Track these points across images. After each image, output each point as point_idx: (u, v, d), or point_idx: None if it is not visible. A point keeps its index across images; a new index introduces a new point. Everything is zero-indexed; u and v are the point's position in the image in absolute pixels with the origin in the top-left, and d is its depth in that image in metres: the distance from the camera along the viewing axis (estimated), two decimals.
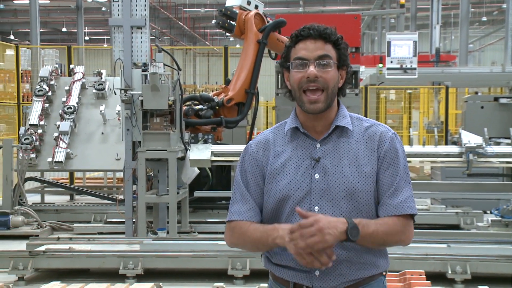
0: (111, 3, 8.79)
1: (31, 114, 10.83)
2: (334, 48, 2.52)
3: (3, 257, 7.13)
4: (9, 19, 39.05)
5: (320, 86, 2.48)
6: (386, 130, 2.58)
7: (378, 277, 2.57)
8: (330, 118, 2.56)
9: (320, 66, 2.48)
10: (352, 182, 2.49)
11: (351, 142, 2.54)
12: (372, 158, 2.53)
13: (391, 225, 2.48)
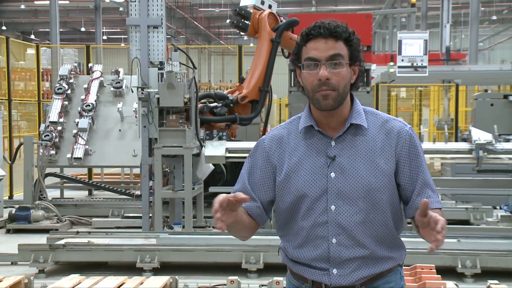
0: (129, 3, 8.82)
1: (51, 111, 10.89)
2: (346, 45, 2.44)
3: (24, 250, 7.18)
4: (30, 19, 39.25)
5: (331, 88, 2.42)
6: (403, 125, 2.51)
7: (395, 269, 2.55)
8: (344, 114, 2.49)
9: (332, 67, 2.41)
10: (369, 181, 2.43)
11: (367, 140, 2.47)
12: (390, 155, 2.47)
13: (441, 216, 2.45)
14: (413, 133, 2.51)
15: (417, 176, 2.48)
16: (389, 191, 2.46)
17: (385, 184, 2.45)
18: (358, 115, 2.50)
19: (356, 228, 2.44)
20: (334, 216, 2.45)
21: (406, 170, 2.47)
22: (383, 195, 2.45)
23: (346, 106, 2.51)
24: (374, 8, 32.47)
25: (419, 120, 19.20)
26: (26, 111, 15.87)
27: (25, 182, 10.10)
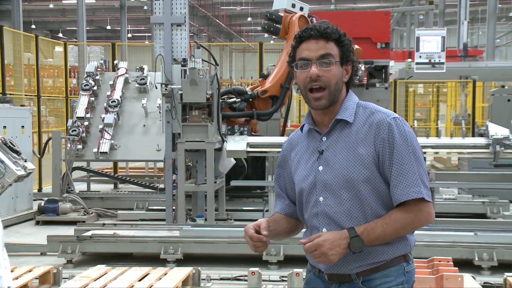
0: (153, 2, 8.84)
1: (78, 107, 10.95)
2: (337, 45, 2.51)
3: (53, 242, 7.24)
4: (58, 18, 39.49)
5: (323, 85, 2.48)
6: (385, 116, 2.49)
7: (396, 264, 2.50)
8: (336, 111, 2.55)
9: (322, 65, 2.48)
10: (349, 171, 2.46)
11: (352, 133, 2.50)
12: (369, 146, 2.46)
13: (399, 219, 2.43)
14: (394, 123, 2.47)
15: (392, 166, 2.45)
16: (372, 183, 2.46)
17: (367, 176, 2.45)
18: (345, 111, 2.53)
19: (342, 218, 2.48)
20: (323, 207, 2.52)
21: (386, 161, 2.45)
22: (364, 186, 2.46)
23: (339, 103, 2.55)
24: (392, 5, 32.25)
25: (436, 116, 19.05)
26: (54, 107, 15.96)
27: (54, 175, 10.17)
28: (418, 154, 2.47)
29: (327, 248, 2.35)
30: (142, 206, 10.26)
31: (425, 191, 2.44)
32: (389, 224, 2.41)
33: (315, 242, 2.36)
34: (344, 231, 2.40)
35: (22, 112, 10.26)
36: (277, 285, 6.31)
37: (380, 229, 2.41)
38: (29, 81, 14.21)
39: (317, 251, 2.36)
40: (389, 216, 2.43)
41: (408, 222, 2.43)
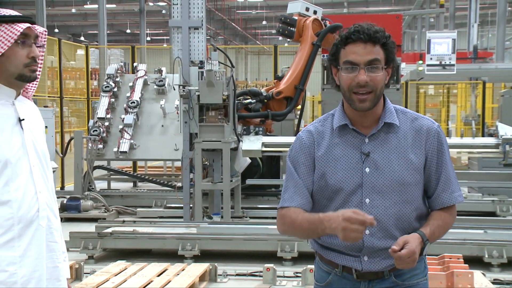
0: (171, 6, 8.86)
1: (99, 108, 11.00)
2: (382, 48, 2.44)
3: (75, 238, 7.27)
4: (80, 22, 39.72)
5: (370, 89, 2.42)
6: (431, 124, 2.53)
7: (420, 257, 2.48)
8: (377, 113, 2.50)
9: (370, 71, 2.41)
10: (402, 175, 2.46)
11: (399, 137, 2.49)
12: (420, 152, 2.49)
13: (448, 221, 2.53)
14: (440, 131, 2.54)
15: (441, 172, 2.52)
16: (420, 187, 2.51)
17: (417, 179, 2.48)
18: (390, 114, 2.51)
19: (389, 220, 2.46)
20: (369, 208, 2.44)
21: (433, 165, 2.50)
22: (415, 189, 2.49)
23: (379, 105, 2.51)
24: (404, 9, 32.09)
25: (446, 116, 18.94)
26: (76, 108, 16.06)
27: (75, 174, 10.23)
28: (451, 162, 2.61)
29: (415, 256, 2.36)
30: (161, 204, 10.28)
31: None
32: (442, 226, 2.50)
33: (411, 249, 2.32)
34: (418, 235, 2.40)
35: (46, 113, 10.32)
36: (291, 281, 6.31)
37: (437, 232, 2.48)
38: (52, 83, 14.29)
39: (411, 257, 2.33)
40: (441, 219, 2.51)
41: (451, 221, 2.55)
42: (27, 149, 2.49)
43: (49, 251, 2.55)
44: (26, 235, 2.45)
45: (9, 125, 2.47)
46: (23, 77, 2.49)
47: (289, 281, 6.30)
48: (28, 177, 2.47)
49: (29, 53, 2.48)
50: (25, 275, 2.44)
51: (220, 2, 33.43)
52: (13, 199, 2.42)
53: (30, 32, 2.49)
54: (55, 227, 2.60)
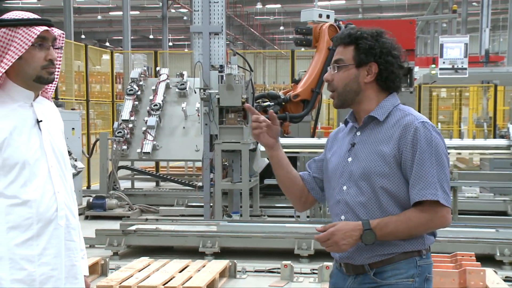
0: (192, 13, 8.88)
1: (123, 110, 11.05)
2: (355, 49, 2.48)
3: (100, 235, 7.31)
4: (105, 28, 39.93)
5: (332, 88, 2.52)
6: (413, 120, 2.41)
7: (408, 258, 2.40)
8: (369, 109, 2.49)
9: (334, 69, 2.51)
10: (369, 164, 2.42)
11: (381, 131, 2.45)
12: (393, 145, 2.39)
13: (413, 218, 2.35)
14: (422, 126, 2.38)
15: (413, 168, 2.36)
16: (390, 179, 2.39)
17: (385, 171, 2.39)
18: (379, 110, 2.48)
19: (359, 208, 2.43)
20: (344, 195, 2.48)
21: (408, 161, 2.37)
22: (381, 180, 2.39)
23: (370, 102, 2.50)
24: (417, 14, 31.90)
25: (459, 119, 18.79)
26: (101, 110, 16.13)
27: (101, 174, 10.27)
28: (441, 159, 2.38)
29: (339, 237, 2.33)
30: (182, 203, 10.31)
31: (442, 195, 2.34)
32: (402, 221, 2.35)
33: (329, 231, 2.35)
34: (359, 223, 2.35)
35: (73, 115, 10.39)
36: (308, 278, 6.29)
37: (393, 225, 2.34)
38: (79, 87, 14.38)
39: (330, 240, 2.34)
40: (404, 214, 2.37)
41: (421, 222, 2.35)
42: (45, 150, 2.46)
43: (67, 250, 2.52)
44: (45, 234, 2.43)
45: (27, 126, 2.44)
46: (41, 79, 2.46)
47: (306, 278, 6.29)
48: (47, 177, 2.45)
49: (47, 55, 2.45)
50: (44, 273, 2.42)
51: (239, 8, 33.46)
52: (32, 199, 2.39)
53: (48, 35, 2.45)
54: (73, 226, 2.57)
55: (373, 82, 2.49)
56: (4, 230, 2.36)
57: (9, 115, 2.41)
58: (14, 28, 2.38)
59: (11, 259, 2.36)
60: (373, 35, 2.48)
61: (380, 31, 2.51)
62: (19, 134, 2.40)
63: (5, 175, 2.36)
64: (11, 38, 2.38)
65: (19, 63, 2.40)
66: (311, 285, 6.11)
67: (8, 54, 2.37)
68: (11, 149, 2.37)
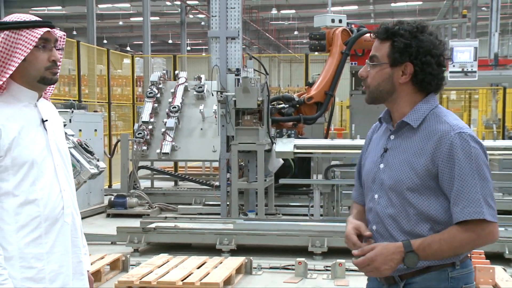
0: (210, 18, 8.90)
1: (143, 112, 11.08)
2: (390, 45, 2.23)
3: (121, 232, 7.34)
4: (126, 34, 40.12)
5: (365, 85, 2.31)
6: (449, 129, 2.15)
7: (440, 268, 2.19)
8: (403, 111, 2.27)
9: (369, 67, 2.29)
10: (399, 176, 2.20)
11: (415, 138, 2.21)
12: (425, 157, 2.16)
13: (458, 237, 2.12)
14: (459, 138, 2.13)
15: (453, 184, 2.12)
16: (422, 193, 2.18)
17: (416, 184, 2.17)
18: (413, 114, 2.24)
19: (388, 220, 2.24)
20: (376, 204, 2.29)
21: (446, 175, 2.14)
22: (411, 194, 2.18)
23: (405, 103, 2.27)
24: (428, 19, 31.69)
25: (468, 120, 18.65)
26: (122, 112, 16.19)
27: (122, 173, 10.32)
28: (483, 172, 2.13)
29: (380, 263, 2.13)
30: (200, 202, 10.32)
31: (488, 210, 2.11)
32: (447, 241, 2.12)
33: (368, 257, 2.14)
34: (399, 245, 2.13)
35: (95, 117, 10.45)
36: (321, 274, 6.28)
37: (437, 246, 2.12)
38: (101, 90, 14.45)
39: (370, 266, 2.14)
40: (448, 233, 2.13)
41: (467, 241, 2.13)
42: (51, 149, 2.44)
43: (73, 247, 2.50)
44: (53, 232, 2.40)
45: (33, 126, 2.41)
46: (45, 80, 2.43)
47: (319, 274, 6.27)
48: (53, 176, 2.42)
49: (50, 56, 2.40)
50: (53, 270, 2.39)
51: (255, 14, 33.47)
52: (40, 198, 2.36)
53: (50, 36, 2.41)
54: (78, 223, 2.55)
55: (408, 82, 2.24)
56: (14, 230, 2.32)
57: (16, 115, 2.37)
58: (17, 31, 2.34)
59: (21, 258, 2.33)
60: (411, 31, 2.21)
61: (422, 26, 2.24)
62: (26, 133, 2.37)
63: (14, 174, 2.33)
64: (15, 40, 2.34)
65: (23, 65, 2.36)
66: (325, 281, 6.09)
67: (14, 56, 2.34)
68: (19, 148, 2.33)
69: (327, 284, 6.01)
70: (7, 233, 2.32)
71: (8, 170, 2.32)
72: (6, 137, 2.31)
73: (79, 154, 5.78)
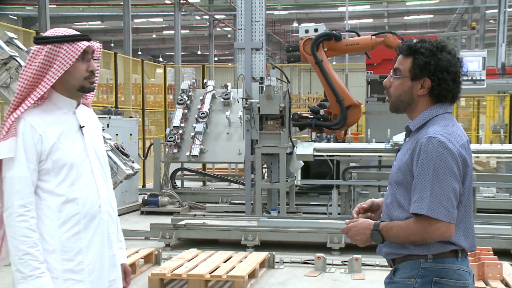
0: (236, 31, 8.91)
1: (174, 118, 11.12)
2: (412, 60, 2.32)
3: (154, 229, 7.37)
4: (159, 46, 40.43)
5: (388, 94, 2.42)
6: (425, 133, 2.26)
7: (416, 258, 2.29)
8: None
9: (393, 78, 2.39)
10: (393, 171, 2.38)
11: (410, 141, 2.35)
12: (408, 157, 2.28)
13: (410, 227, 2.23)
14: (426, 141, 2.22)
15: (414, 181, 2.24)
16: (405, 188, 2.29)
17: (400, 180, 2.30)
18: (416, 120, 2.36)
19: (385, 209, 2.41)
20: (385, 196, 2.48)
21: (413, 173, 2.25)
22: (397, 187, 2.32)
23: (416, 111, 2.37)
24: (438, 31, 31.43)
25: (476, 125, 18.41)
26: (155, 118, 16.30)
27: (155, 174, 10.38)
28: (440, 174, 2.19)
29: (354, 232, 2.36)
30: (226, 200, 10.33)
31: (437, 208, 2.17)
32: (403, 228, 2.24)
33: (348, 225, 2.39)
34: (372, 222, 2.34)
35: (130, 122, 10.53)
36: (339, 269, 6.24)
37: (395, 230, 2.27)
38: (136, 97, 14.56)
39: (347, 234, 2.39)
40: (406, 222, 2.25)
41: (416, 232, 2.21)
42: (88, 152, 2.49)
43: (109, 241, 2.54)
44: (91, 228, 2.45)
45: (72, 132, 2.47)
46: (83, 89, 2.48)
47: (337, 269, 6.23)
48: (90, 177, 2.47)
49: (88, 67, 2.46)
50: (91, 263, 2.44)
51: (277, 27, 33.49)
52: (79, 197, 2.42)
53: (88, 48, 2.46)
54: (114, 219, 2.60)
55: (426, 95, 2.34)
56: (56, 226, 2.39)
57: (57, 122, 2.43)
58: (59, 44, 2.39)
59: (63, 251, 2.39)
60: (432, 49, 2.30)
61: (442, 45, 2.33)
62: (65, 138, 2.43)
63: (56, 175, 2.40)
64: (56, 53, 2.38)
65: (64, 75, 2.41)
66: (342, 275, 6.05)
67: (54, 68, 2.38)
68: (59, 152, 2.39)
69: (344, 277, 5.97)
70: (51, 228, 2.38)
71: (50, 172, 2.39)
72: (47, 142, 2.37)
73: (116, 156, 5.81)
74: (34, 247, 2.32)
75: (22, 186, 2.33)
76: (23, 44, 7.71)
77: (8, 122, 2.37)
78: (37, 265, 2.31)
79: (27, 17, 31.65)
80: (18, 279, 2.32)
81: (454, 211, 2.21)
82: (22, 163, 2.34)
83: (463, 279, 2.31)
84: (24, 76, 2.37)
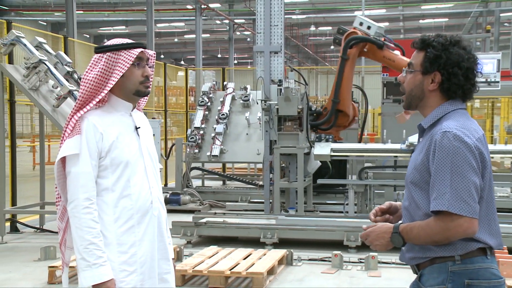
0: (255, 35, 8.90)
1: (195, 119, 11.14)
2: (424, 54, 2.22)
3: (176, 226, 7.38)
4: (181, 49, 40.67)
5: (402, 90, 2.31)
6: (439, 129, 2.12)
7: (442, 261, 2.13)
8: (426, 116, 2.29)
9: (406, 73, 2.29)
10: (408, 172, 2.24)
11: (424, 139, 2.23)
12: (423, 155, 2.16)
13: (432, 226, 2.08)
14: (441, 136, 2.09)
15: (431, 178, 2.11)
16: (422, 188, 2.16)
17: (417, 179, 2.17)
18: (428, 117, 2.24)
19: (404, 212, 2.27)
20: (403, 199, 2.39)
21: (430, 169, 2.12)
22: (414, 188, 2.19)
23: (430, 108, 2.25)
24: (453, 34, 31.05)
25: (491, 126, 18.20)
26: (177, 119, 16.38)
27: (176, 173, 10.41)
28: (459, 168, 2.05)
29: (373, 238, 2.23)
30: (245, 199, 10.32)
31: (457, 204, 2.03)
32: (423, 228, 2.10)
33: (366, 231, 2.27)
34: (391, 226, 2.19)
35: (153, 123, 10.50)
36: (355, 266, 6.20)
37: (416, 231, 2.12)
38: (158, 99, 14.64)
39: (367, 240, 2.27)
40: (426, 221, 2.10)
41: (438, 230, 2.07)
42: (142, 152, 2.59)
43: (159, 236, 2.62)
44: (143, 222, 2.54)
45: (128, 132, 2.58)
46: (139, 93, 2.60)
47: (354, 266, 6.19)
48: (143, 175, 2.57)
49: (143, 72, 2.58)
50: (143, 255, 2.52)
51: (296, 30, 33.44)
52: (133, 193, 2.52)
53: (143, 55, 2.59)
54: (164, 215, 2.69)
55: (436, 90, 2.22)
56: (112, 220, 2.49)
57: (115, 122, 2.55)
58: (117, 52, 2.53)
59: (118, 244, 2.48)
60: (444, 43, 2.20)
61: (456, 40, 2.22)
62: (123, 138, 2.54)
63: (113, 172, 2.49)
64: (115, 60, 2.51)
65: (122, 80, 2.54)
66: (359, 272, 6.01)
67: (114, 73, 2.51)
68: (117, 150, 2.50)
69: (361, 275, 5.93)
70: (107, 222, 2.48)
71: (108, 169, 2.50)
72: (107, 140, 2.49)
73: None
74: (97, 237, 2.43)
75: (86, 181, 2.44)
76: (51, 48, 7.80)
77: (72, 121, 2.49)
78: (101, 254, 2.42)
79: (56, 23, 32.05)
80: (83, 267, 2.42)
81: (476, 206, 2.06)
82: (86, 159, 2.46)
83: (496, 277, 2.15)
84: (86, 81, 2.51)
